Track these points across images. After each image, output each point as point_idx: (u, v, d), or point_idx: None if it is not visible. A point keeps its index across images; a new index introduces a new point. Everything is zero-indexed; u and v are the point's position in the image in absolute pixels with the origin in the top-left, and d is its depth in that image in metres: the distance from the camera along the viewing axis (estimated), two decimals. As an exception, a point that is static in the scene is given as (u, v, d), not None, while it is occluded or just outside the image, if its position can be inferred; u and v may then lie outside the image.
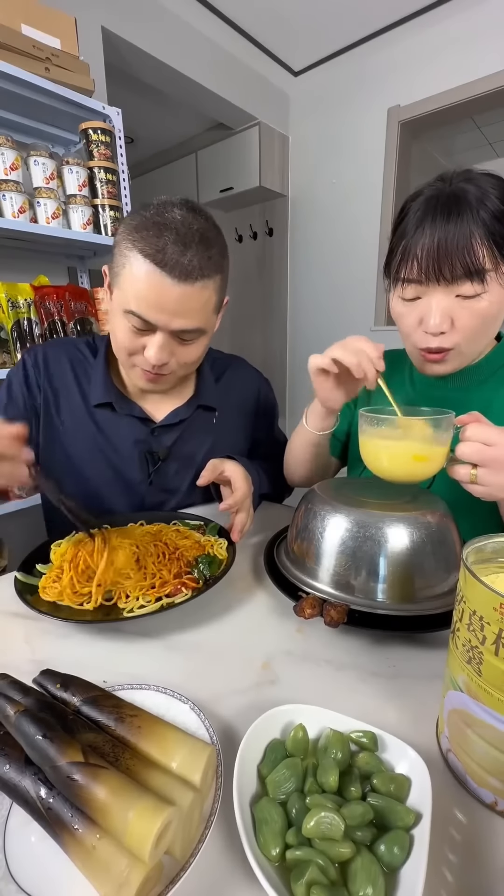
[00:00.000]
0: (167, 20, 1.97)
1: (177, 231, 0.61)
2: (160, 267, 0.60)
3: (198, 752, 0.31)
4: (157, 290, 0.61)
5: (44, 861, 0.28)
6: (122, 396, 0.79)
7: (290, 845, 0.27)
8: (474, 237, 0.54)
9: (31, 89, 1.29)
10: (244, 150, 2.61)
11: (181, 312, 0.64)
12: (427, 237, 0.56)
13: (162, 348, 0.66)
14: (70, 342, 0.82)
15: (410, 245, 0.58)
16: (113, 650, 0.49)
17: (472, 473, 0.48)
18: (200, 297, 0.65)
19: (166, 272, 0.60)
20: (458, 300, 0.58)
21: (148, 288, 0.61)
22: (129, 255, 0.62)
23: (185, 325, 0.65)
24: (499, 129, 2.65)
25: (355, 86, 2.40)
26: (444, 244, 0.55)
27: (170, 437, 0.81)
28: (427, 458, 0.51)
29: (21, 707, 0.32)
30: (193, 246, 0.61)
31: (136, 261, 0.61)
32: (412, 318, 0.62)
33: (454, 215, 0.55)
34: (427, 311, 0.59)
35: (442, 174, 0.60)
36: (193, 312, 0.65)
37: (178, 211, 0.62)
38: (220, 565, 0.60)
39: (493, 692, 0.29)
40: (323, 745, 0.33)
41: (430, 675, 0.44)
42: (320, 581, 0.52)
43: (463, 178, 0.58)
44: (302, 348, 3.00)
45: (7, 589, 0.54)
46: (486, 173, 0.59)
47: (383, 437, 0.53)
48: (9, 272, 1.54)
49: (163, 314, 0.63)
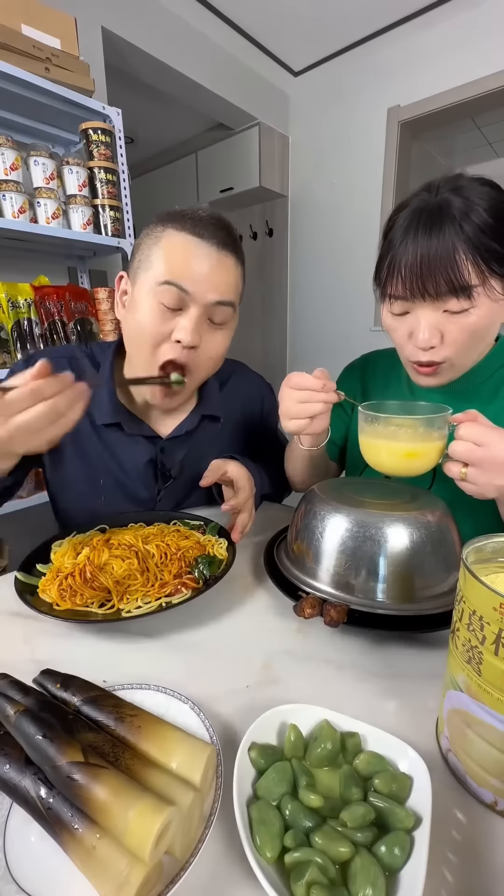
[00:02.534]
0: (167, 20, 1.97)
1: (209, 214, 0.65)
2: (198, 236, 0.63)
3: (198, 752, 0.31)
4: (196, 258, 0.63)
5: (44, 861, 0.28)
6: (130, 416, 0.76)
7: (289, 847, 0.27)
8: (457, 252, 0.53)
9: (31, 89, 1.29)
10: (244, 151, 2.61)
11: (217, 282, 0.65)
12: (410, 253, 0.55)
13: (196, 325, 0.65)
14: (69, 354, 0.78)
15: (395, 260, 0.57)
16: (113, 650, 0.49)
17: (463, 472, 0.49)
18: (234, 271, 0.67)
19: (205, 240, 0.63)
20: (446, 314, 0.57)
21: (184, 256, 0.63)
22: (162, 236, 0.64)
23: (220, 296, 0.65)
24: (499, 129, 2.64)
25: (355, 86, 2.40)
26: (426, 260, 0.54)
27: (179, 452, 0.79)
28: (419, 455, 0.52)
29: (21, 707, 0.32)
30: (223, 228, 0.65)
31: (170, 236, 0.63)
32: (402, 331, 0.61)
33: (436, 230, 0.54)
34: (416, 326, 0.59)
35: (429, 183, 0.58)
36: (227, 285, 0.66)
37: (204, 207, 0.67)
38: (220, 565, 0.60)
39: (492, 692, 0.29)
40: (314, 737, 0.34)
41: (430, 675, 0.44)
42: (320, 581, 0.52)
43: (450, 188, 0.56)
44: (302, 348, 3.00)
45: (7, 589, 0.54)
46: (477, 180, 0.57)
47: (378, 434, 0.54)
48: (9, 272, 1.54)
49: (200, 283, 0.63)
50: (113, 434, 0.75)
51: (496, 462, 0.47)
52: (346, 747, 0.33)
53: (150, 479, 0.78)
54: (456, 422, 0.50)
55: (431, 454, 0.52)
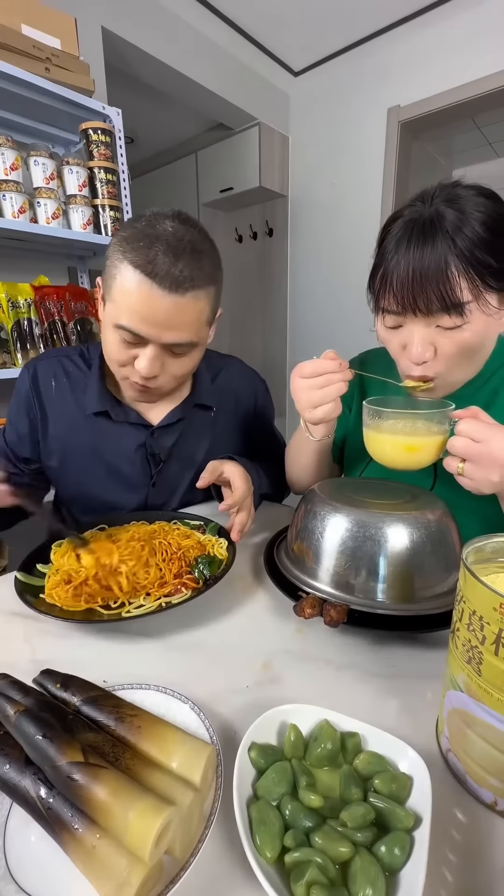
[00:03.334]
0: (167, 20, 1.97)
1: (167, 242, 0.60)
2: (150, 277, 0.59)
3: (198, 752, 0.31)
4: (148, 302, 0.60)
5: (44, 861, 0.28)
6: (117, 403, 0.79)
7: (289, 847, 0.27)
8: (449, 267, 0.51)
9: (31, 89, 1.29)
10: (244, 151, 2.60)
11: (172, 325, 0.63)
12: (402, 267, 0.54)
13: (153, 361, 0.65)
14: (63, 354, 0.82)
15: (387, 273, 0.56)
16: (113, 650, 0.49)
17: (460, 467, 0.49)
18: (192, 309, 0.64)
19: (156, 283, 0.59)
20: (438, 329, 0.56)
21: (138, 300, 0.60)
22: (120, 267, 0.61)
23: (176, 338, 0.64)
24: (499, 129, 2.64)
25: (355, 86, 2.40)
26: (418, 275, 0.52)
27: (170, 438, 0.82)
28: (419, 449, 0.54)
29: (21, 707, 0.32)
30: (185, 257, 0.60)
31: (126, 272, 0.60)
32: (395, 344, 0.61)
33: (428, 244, 0.52)
34: (409, 340, 0.58)
35: (423, 192, 0.56)
36: (185, 325, 0.64)
37: (169, 223, 0.62)
38: (220, 565, 0.60)
39: (493, 692, 0.29)
40: (314, 737, 0.34)
41: (430, 674, 0.44)
42: (320, 581, 0.52)
43: (444, 199, 0.54)
44: (301, 348, 3.00)
45: (7, 589, 0.54)
46: (474, 189, 0.55)
47: (381, 428, 0.56)
48: (9, 272, 1.54)
49: (153, 327, 0.62)
50: (102, 422, 0.79)
51: (493, 458, 0.47)
52: (346, 747, 0.33)
53: (142, 464, 0.81)
54: (456, 417, 0.51)
55: (432, 448, 0.54)
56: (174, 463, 0.83)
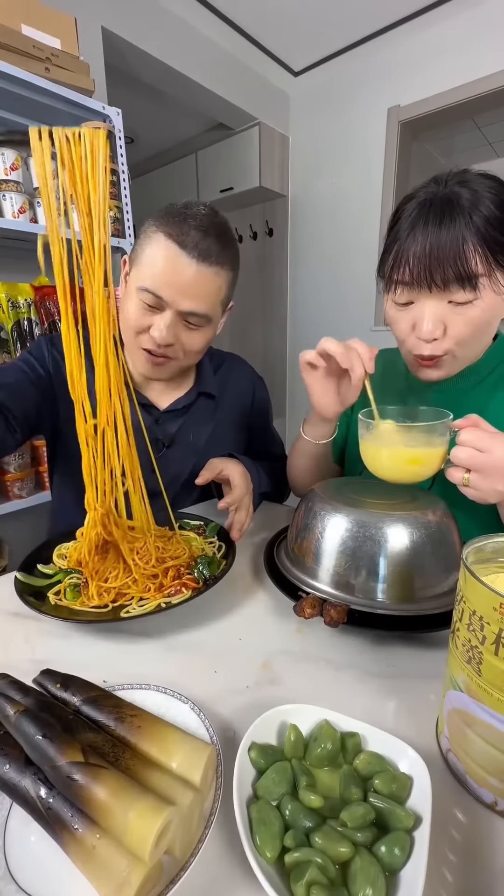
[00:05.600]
0: (167, 20, 1.97)
1: (200, 221, 0.67)
2: (180, 246, 0.65)
3: (198, 752, 0.31)
4: (174, 267, 0.66)
5: (44, 861, 0.28)
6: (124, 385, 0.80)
7: (289, 847, 0.27)
8: (466, 243, 0.53)
9: (31, 89, 1.29)
10: (244, 151, 2.60)
11: (191, 293, 0.68)
12: (419, 243, 0.56)
13: (168, 327, 0.69)
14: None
15: (402, 250, 0.58)
16: (113, 650, 0.49)
17: (465, 477, 0.48)
18: (212, 282, 0.69)
19: (185, 251, 0.65)
20: (450, 306, 0.57)
21: (164, 264, 0.66)
22: (153, 237, 0.67)
23: (193, 306, 0.69)
24: (499, 129, 2.64)
25: (355, 86, 2.40)
26: (435, 250, 0.54)
27: (174, 424, 0.84)
28: (421, 462, 0.52)
29: (21, 707, 0.32)
30: (213, 235, 0.67)
31: (158, 241, 0.66)
32: (405, 323, 0.62)
33: (446, 220, 0.54)
34: (420, 317, 0.59)
35: (436, 176, 0.59)
36: (203, 296, 0.69)
37: (202, 207, 0.70)
38: (220, 565, 0.60)
39: (493, 692, 0.29)
40: (314, 737, 0.33)
41: (430, 674, 0.44)
42: (320, 581, 0.52)
43: (457, 181, 0.57)
44: (302, 348, 2.98)
45: (7, 589, 0.54)
46: (482, 174, 0.58)
47: (378, 440, 0.54)
48: (9, 272, 1.54)
49: (175, 292, 0.67)
50: None
51: (498, 467, 0.46)
52: (346, 747, 0.33)
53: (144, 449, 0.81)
54: (457, 427, 0.50)
55: (433, 460, 0.52)
56: (177, 449, 0.85)
